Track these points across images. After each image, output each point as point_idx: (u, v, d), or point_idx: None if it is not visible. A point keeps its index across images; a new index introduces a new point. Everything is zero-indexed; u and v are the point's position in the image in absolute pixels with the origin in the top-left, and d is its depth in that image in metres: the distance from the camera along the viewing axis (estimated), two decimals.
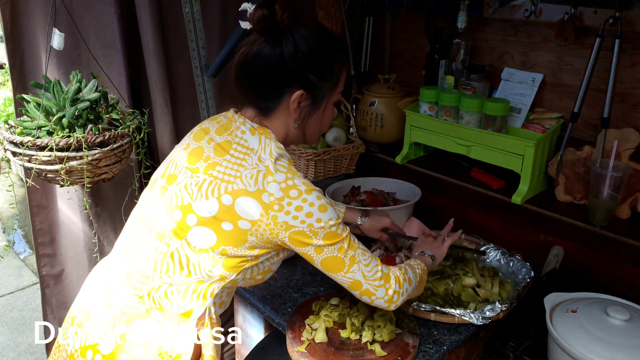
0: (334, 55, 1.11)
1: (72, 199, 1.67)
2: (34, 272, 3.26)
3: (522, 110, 1.65)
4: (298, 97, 1.08)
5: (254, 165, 1.04)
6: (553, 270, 1.47)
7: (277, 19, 1.02)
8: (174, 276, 1.08)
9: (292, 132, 1.14)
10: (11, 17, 1.45)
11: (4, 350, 2.63)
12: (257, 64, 1.05)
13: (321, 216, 1.04)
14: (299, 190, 1.03)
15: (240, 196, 1.02)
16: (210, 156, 1.08)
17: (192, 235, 1.06)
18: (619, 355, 1.04)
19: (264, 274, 1.16)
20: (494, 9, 1.66)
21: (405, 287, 1.15)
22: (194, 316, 1.08)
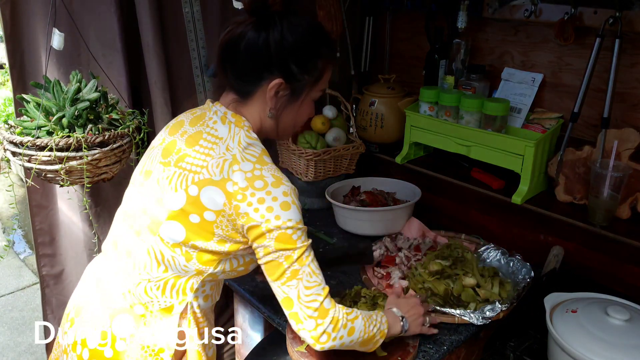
0: (320, 50, 1.09)
1: (72, 199, 1.67)
2: (34, 272, 3.26)
3: (522, 110, 1.65)
4: (276, 86, 1.06)
5: (221, 155, 1.03)
6: (553, 270, 1.47)
7: (269, 1, 1.01)
8: (151, 272, 1.08)
9: (267, 122, 1.11)
10: (11, 17, 1.45)
11: (4, 350, 2.63)
12: (240, 45, 1.03)
13: (281, 214, 1.00)
14: (264, 182, 1.00)
15: (206, 186, 1.01)
16: (181, 148, 1.08)
17: (164, 230, 1.05)
18: (619, 355, 1.04)
19: (246, 265, 1.12)
20: (494, 9, 1.66)
21: (340, 334, 1.04)
22: (175, 311, 1.08)
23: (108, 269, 1.16)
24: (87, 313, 1.13)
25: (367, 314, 1.13)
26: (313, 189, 1.94)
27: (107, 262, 1.17)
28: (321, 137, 1.91)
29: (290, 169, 1.97)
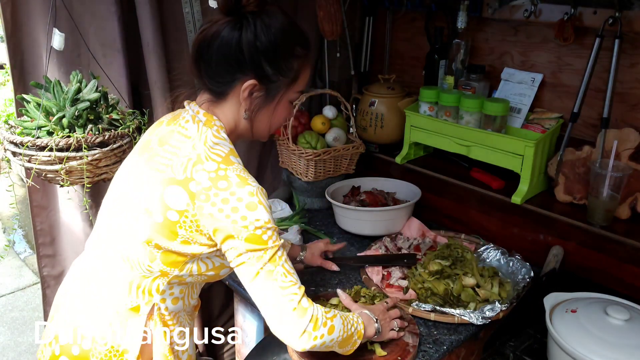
0: (294, 50, 1.06)
1: (72, 199, 1.67)
2: (34, 272, 3.26)
3: (522, 111, 1.65)
4: (250, 87, 1.04)
5: (187, 154, 1.02)
6: (553, 270, 1.47)
7: (242, 2, 1.00)
8: (119, 271, 1.08)
9: (242, 123, 1.10)
10: (11, 17, 1.45)
11: (4, 350, 2.63)
12: (213, 45, 1.02)
13: (247, 214, 0.97)
14: (229, 182, 0.98)
15: (169, 185, 1.00)
16: (153, 147, 1.08)
17: (131, 228, 1.05)
18: (619, 355, 1.04)
19: (217, 270, 1.10)
20: (494, 9, 1.66)
21: (321, 333, 1.02)
22: (142, 312, 1.07)
23: (85, 266, 1.17)
24: (64, 309, 1.14)
25: (344, 314, 1.11)
26: (313, 189, 1.95)
27: (85, 258, 1.18)
28: (321, 137, 1.91)
29: (290, 169, 1.97)
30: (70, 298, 1.15)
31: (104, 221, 1.15)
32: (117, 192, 1.13)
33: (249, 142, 1.98)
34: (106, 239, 1.13)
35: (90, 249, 1.18)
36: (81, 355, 1.07)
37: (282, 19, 1.05)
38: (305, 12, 1.94)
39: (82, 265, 1.18)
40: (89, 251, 1.18)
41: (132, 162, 1.13)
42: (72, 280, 1.18)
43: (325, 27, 1.85)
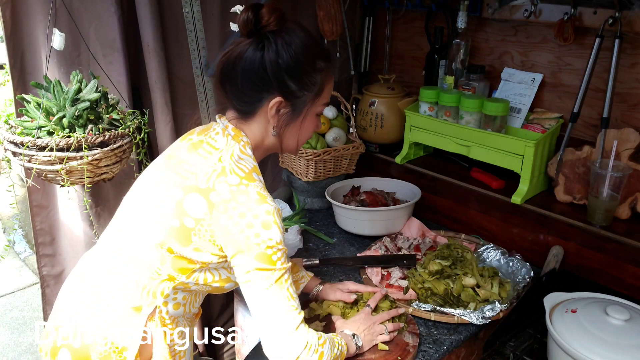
0: (316, 64, 1.08)
1: (72, 199, 1.67)
2: (34, 272, 3.26)
3: (522, 111, 1.65)
4: (276, 104, 1.07)
5: (212, 165, 1.04)
6: (553, 270, 1.47)
7: (262, 23, 1.02)
8: (129, 268, 1.09)
9: (270, 139, 1.12)
10: (11, 17, 1.45)
11: (4, 350, 2.63)
12: (238, 67, 1.04)
13: (261, 232, 0.99)
14: (248, 197, 1.00)
15: (190, 192, 1.03)
16: (181, 154, 1.10)
17: (147, 229, 1.07)
18: (619, 355, 1.04)
19: (222, 282, 1.12)
20: (494, 9, 1.66)
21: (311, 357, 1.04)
22: (143, 312, 1.08)
23: (95, 260, 1.17)
24: (68, 301, 1.14)
25: (330, 337, 1.11)
26: (313, 189, 1.95)
27: (96, 252, 1.19)
28: (321, 137, 1.92)
29: (290, 169, 1.97)
30: (76, 291, 1.15)
31: (122, 218, 1.16)
32: (140, 192, 1.15)
33: None
34: (121, 236, 1.14)
35: (104, 243, 1.18)
36: (82, 348, 1.07)
37: (301, 35, 1.06)
38: (305, 12, 1.94)
39: (91, 259, 1.19)
40: (101, 245, 1.19)
41: (159, 165, 1.14)
42: (80, 273, 1.19)
43: (325, 27, 1.85)
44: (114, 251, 1.14)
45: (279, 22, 1.03)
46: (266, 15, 1.01)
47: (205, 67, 1.77)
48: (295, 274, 1.38)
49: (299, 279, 1.39)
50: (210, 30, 1.75)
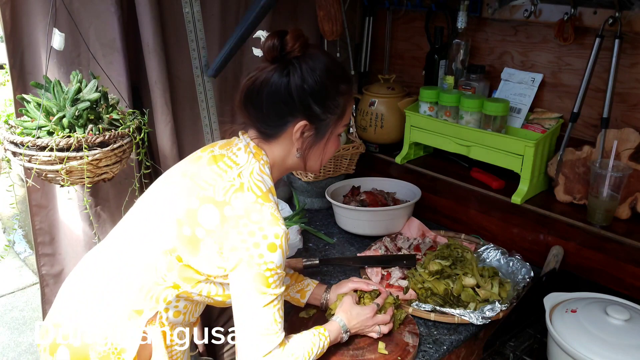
0: (339, 88, 1.11)
1: (72, 199, 1.67)
2: (34, 272, 3.26)
3: (522, 111, 1.65)
4: (301, 128, 1.09)
5: (231, 179, 1.06)
6: (553, 270, 1.47)
7: (287, 49, 1.04)
8: (134, 270, 1.09)
9: (292, 160, 1.15)
10: (11, 17, 1.45)
11: (4, 350, 2.63)
12: (263, 92, 1.07)
13: (265, 253, 1.01)
14: (262, 217, 1.02)
15: (206, 203, 1.04)
16: (202, 164, 1.11)
17: (158, 234, 1.08)
18: (619, 355, 1.04)
19: (225, 298, 1.12)
20: (494, 9, 1.66)
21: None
22: (144, 316, 1.08)
23: (98, 259, 1.17)
24: (70, 298, 1.14)
25: (309, 343, 1.11)
26: (313, 189, 1.95)
27: (100, 251, 1.19)
28: None
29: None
30: (76, 290, 1.15)
31: (133, 220, 1.16)
32: (154, 196, 1.15)
33: None
34: (130, 238, 1.14)
35: (109, 244, 1.19)
36: (81, 347, 1.07)
37: (324, 59, 1.09)
38: (305, 12, 1.94)
39: (94, 259, 1.19)
40: (106, 245, 1.19)
41: (178, 172, 1.15)
42: (82, 272, 1.19)
43: (325, 27, 1.85)
44: (120, 252, 1.13)
45: (303, 48, 1.05)
46: (291, 42, 1.04)
47: (205, 67, 1.77)
48: (300, 283, 1.39)
49: (304, 287, 1.39)
50: (210, 30, 1.75)
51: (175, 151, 1.72)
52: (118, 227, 1.20)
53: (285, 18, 1.91)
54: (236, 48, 1.72)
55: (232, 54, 1.72)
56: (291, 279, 1.39)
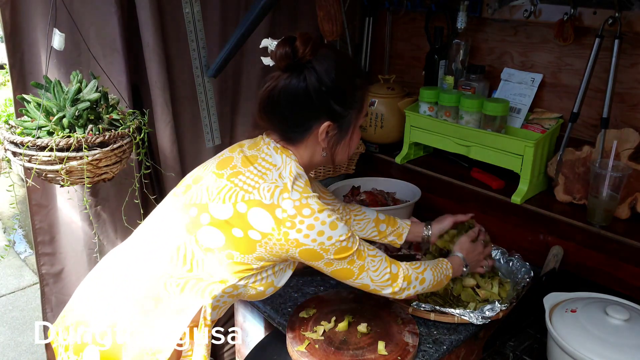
0: (355, 82, 1.13)
1: (72, 199, 1.67)
2: (34, 272, 3.26)
3: (522, 111, 1.65)
4: (326, 128, 1.11)
5: (274, 180, 1.08)
6: (552, 270, 1.47)
7: (299, 55, 1.05)
8: (175, 268, 1.10)
9: (318, 158, 1.17)
10: (11, 17, 1.45)
11: (4, 350, 2.63)
12: (282, 100, 1.08)
13: (332, 234, 1.06)
14: (311, 209, 1.05)
15: (255, 206, 1.06)
16: (236, 165, 1.13)
17: (202, 234, 1.09)
18: (618, 355, 1.04)
19: (266, 287, 1.16)
20: (494, 9, 1.66)
21: (413, 284, 1.19)
22: (188, 314, 1.07)
23: (132, 255, 1.17)
24: (99, 296, 1.13)
25: (434, 263, 1.27)
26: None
27: (130, 250, 1.19)
28: None
29: None
30: (105, 287, 1.14)
31: (165, 218, 1.17)
32: (189, 196, 1.14)
33: None
34: (165, 235, 1.14)
35: (140, 238, 1.19)
36: (113, 347, 1.06)
37: (336, 57, 1.11)
38: (305, 12, 1.94)
39: (128, 253, 1.18)
40: (136, 245, 1.19)
41: (209, 172, 1.15)
42: (109, 269, 1.18)
43: (325, 27, 1.85)
44: (157, 251, 1.13)
45: (314, 51, 1.06)
46: (301, 47, 1.05)
47: (205, 67, 1.77)
48: (394, 228, 1.47)
49: (400, 230, 1.47)
50: (210, 30, 1.75)
51: (175, 151, 1.72)
52: (148, 224, 1.20)
53: (285, 18, 1.91)
54: (236, 48, 1.72)
55: (232, 54, 1.72)
56: (387, 224, 1.47)
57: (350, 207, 1.49)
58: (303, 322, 1.34)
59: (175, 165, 1.73)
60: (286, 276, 1.19)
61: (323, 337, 1.28)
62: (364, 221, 1.47)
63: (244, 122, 1.95)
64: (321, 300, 1.42)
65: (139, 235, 1.21)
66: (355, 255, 1.11)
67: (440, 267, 1.27)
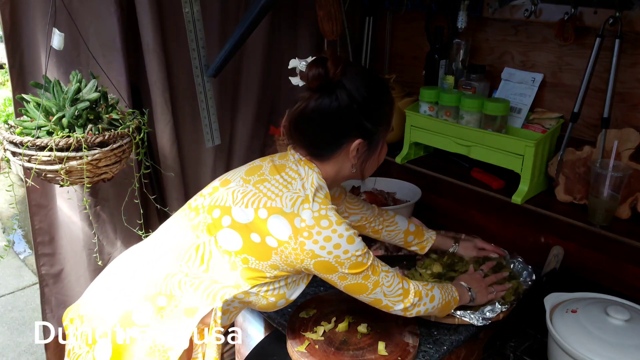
0: (383, 98, 1.15)
1: (71, 199, 1.67)
2: (34, 272, 3.26)
3: (522, 110, 1.65)
4: (357, 146, 1.12)
5: (297, 191, 1.09)
6: (553, 270, 1.47)
7: (330, 75, 1.06)
8: (192, 267, 1.11)
9: (345, 173, 1.18)
10: (11, 17, 1.45)
11: (4, 350, 2.63)
12: (314, 119, 1.09)
13: (349, 248, 1.07)
14: (330, 221, 1.06)
15: (275, 214, 1.07)
16: (264, 173, 1.14)
17: (222, 235, 1.10)
18: (619, 355, 1.04)
19: (278, 298, 1.16)
20: (494, 9, 1.66)
21: (424, 302, 1.20)
22: (198, 314, 1.08)
23: (151, 252, 1.18)
24: (115, 291, 1.14)
25: (441, 285, 1.26)
26: None
27: (152, 245, 1.20)
28: None
29: None
30: (120, 284, 1.15)
31: (188, 216, 1.17)
32: (215, 198, 1.15)
33: (248, 140, 1.98)
34: (185, 234, 1.14)
35: (160, 236, 1.19)
36: (124, 343, 1.06)
37: (364, 74, 1.13)
38: (305, 12, 1.94)
39: (146, 250, 1.19)
40: (157, 238, 1.20)
41: (237, 177, 1.17)
42: (127, 266, 1.19)
43: (325, 26, 1.85)
44: (171, 251, 1.13)
45: (343, 70, 1.07)
46: (332, 68, 1.06)
47: (205, 67, 1.77)
48: (420, 240, 1.52)
49: (423, 242, 1.52)
50: (210, 30, 1.75)
51: (175, 151, 1.72)
52: (169, 223, 1.21)
53: (285, 18, 1.91)
54: (236, 48, 1.72)
55: (232, 53, 1.72)
56: (414, 236, 1.52)
57: (383, 216, 1.50)
58: (303, 322, 1.34)
59: (175, 165, 1.73)
60: (299, 290, 1.19)
61: (323, 337, 1.28)
62: (395, 232, 1.51)
63: (244, 122, 1.95)
64: (321, 301, 1.42)
65: (162, 232, 1.21)
66: (370, 270, 1.11)
67: (447, 289, 1.27)
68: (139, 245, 1.24)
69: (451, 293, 1.27)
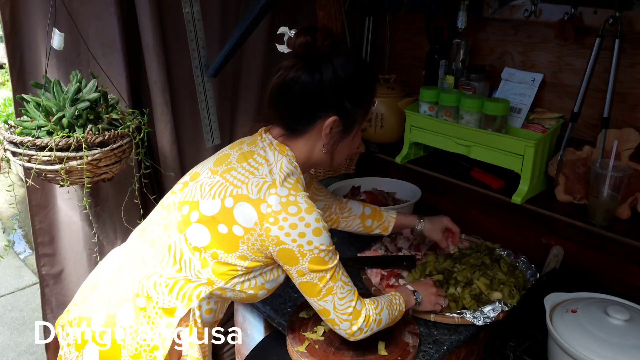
0: (368, 84, 1.14)
1: (71, 199, 1.67)
2: (34, 272, 3.26)
3: (522, 110, 1.65)
4: (331, 123, 1.11)
5: (264, 176, 1.07)
6: (553, 270, 1.47)
7: (317, 45, 1.05)
8: (165, 268, 1.10)
9: (317, 155, 1.16)
10: (11, 17, 1.45)
11: (4, 350, 2.63)
12: (295, 88, 1.07)
13: (313, 239, 1.05)
14: (298, 208, 1.04)
15: (241, 201, 1.05)
16: (231, 162, 1.13)
17: (191, 232, 1.09)
18: (619, 355, 1.04)
19: (256, 290, 1.15)
20: (494, 9, 1.66)
21: (371, 327, 1.16)
22: (177, 314, 1.09)
23: (128, 254, 1.18)
24: (99, 293, 1.15)
25: (388, 301, 1.22)
26: None
27: (130, 246, 1.20)
28: None
29: None
30: (107, 282, 1.16)
31: (160, 215, 1.17)
32: (184, 193, 1.15)
33: None
34: (158, 234, 1.14)
35: (136, 237, 1.19)
36: (112, 346, 1.08)
37: (354, 56, 1.14)
38: (305, 12, 1.94)
39: (125, 252, 1.20)
40: (133, 239, 1.20)
41: (206, 169, 1.16)
42: (112, 264, 1.19)
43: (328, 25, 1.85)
44: (151, 250, 1.14)
45: (332, 45, 1.07)
46: (320, 39, 1.05)
47: (205, 67, 1.77)
48: (380, 222, 1.50)
49: (385, 224, 1.51)
50: (210, 30, 1.75)
51: (175, 151, 1.72)
52: (147, 223, 1.21)
53: (285, 18, 1.91)
54: (236, 48, 1.72)
55: (232, 54, 1.72)
56: (372, 219, 1.50)
57: (339, 205, 1.50)
58: (303, 322, 1.34)
59: (174, 165, 1.73)
60: (279, 279, 1.18)
61: (323, 337, 1.28)
62: (350, 218, 1.49)
63: (244, 122, 1.95)
64: None
65: (137, 234, 1.21)
66: (329, 273, 1.08)
67: (394, 305, 1.23)
68: (121, 247, 1.24)
69: (397, 307, 1.23)
